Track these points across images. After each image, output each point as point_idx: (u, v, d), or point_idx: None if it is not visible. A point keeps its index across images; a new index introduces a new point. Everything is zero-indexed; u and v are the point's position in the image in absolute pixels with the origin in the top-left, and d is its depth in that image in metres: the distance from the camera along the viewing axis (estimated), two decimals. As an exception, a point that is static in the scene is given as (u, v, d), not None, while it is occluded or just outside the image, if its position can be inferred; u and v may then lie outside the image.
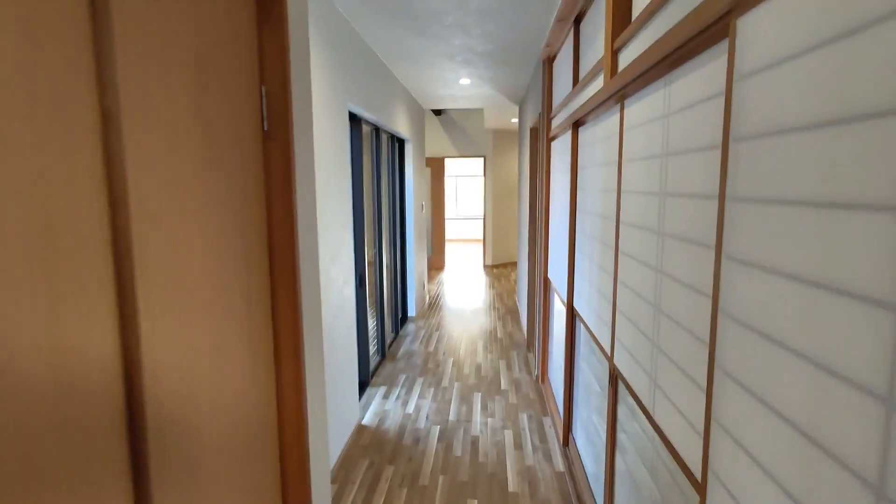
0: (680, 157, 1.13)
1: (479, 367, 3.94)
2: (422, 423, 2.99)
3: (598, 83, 1.91)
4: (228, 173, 0.76)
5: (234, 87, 0.77)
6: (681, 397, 1.10)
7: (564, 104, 2.68)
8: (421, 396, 3.39)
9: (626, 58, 1.55)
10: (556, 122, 3.08)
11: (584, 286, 2.26)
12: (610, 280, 1.78)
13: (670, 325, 1.19)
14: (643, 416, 1.45)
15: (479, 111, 8.39)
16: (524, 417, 3.08)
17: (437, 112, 8.40)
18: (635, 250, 1.48)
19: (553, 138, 3.25)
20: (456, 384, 3.60)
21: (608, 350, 1.81)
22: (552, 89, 3.27)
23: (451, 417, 3.07)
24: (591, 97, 1.93)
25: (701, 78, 0.99)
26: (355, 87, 2.94)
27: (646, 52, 1.25)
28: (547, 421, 3.03)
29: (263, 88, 0.87)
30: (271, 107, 0.87)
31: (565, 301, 2.72)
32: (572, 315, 2.60)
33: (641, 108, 1.43)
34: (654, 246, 1.32)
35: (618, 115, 1.69)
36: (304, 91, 1.14)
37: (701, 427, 0.97)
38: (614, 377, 1.76)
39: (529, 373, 3.83)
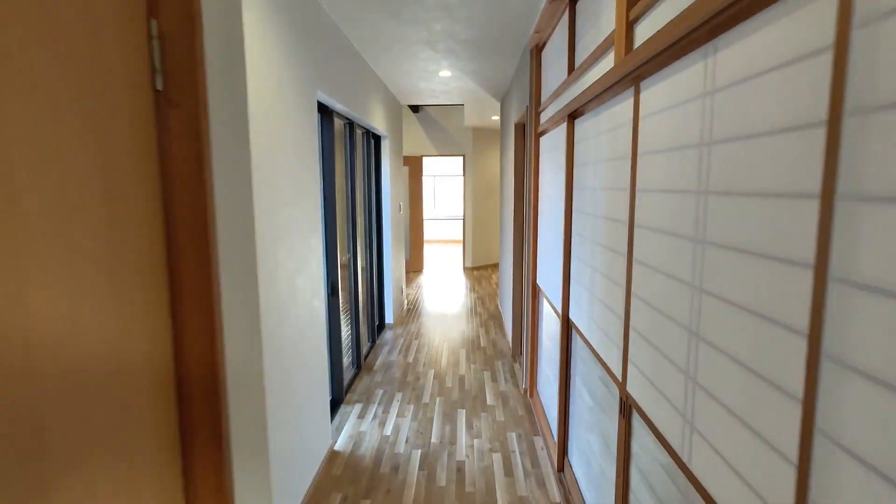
0: (735, 146, 0.88)
1: (462, 380, 3.67)
2: (401, 447, 2.70)
3: (604, 66, 1.66)
4: (83, 151, 0.48)
5: (100, 20, 0.49)
6: (741, 458, 0.85)
7: (557, 95, 2.44)
8: (400, 414, 3.10)
9: (645, 30, 1.30)
10: (545, 116, 2.84)
11: (584, 296, 2.01)
12: (620, 293, 1.53)
13: (719, 360, 0.94)
14: (670, 460, 1.20)
15: (459, 109, 8.14)
16: (513, 437, 2.82)
17: (415, 109, 8.12)
18: (658, 260, 1.23)
19: (542, 133, 3.01)
20: (438, 399, 3.33)
21: (618, 374, 1.56)
22: (541, 81, 3.03)
23: (434, 439, 2.79)
24: (593, 84, 1.68)
25: (783, 32, 0.74)
26: (326, 75, 2.64)
27: (679, 17, 1.00)
28: (538, 442, 2.78)
29: (154, 24, 0.57)
30: (169, 55, 0.58)
31: (559, 311, 2.47)
32: (568, 327, 2.36)
33: (667, 88, 1.18)
34: (689, 256, 1.07)
35: (631, 101, 1.44)
36: (232, 37, 0.85)
37: (782, 507, 0.72)
38: (627, 406, 1.51)
39: (517, 385, 3.58)
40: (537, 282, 3.19)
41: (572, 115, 2.21)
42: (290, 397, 2.05)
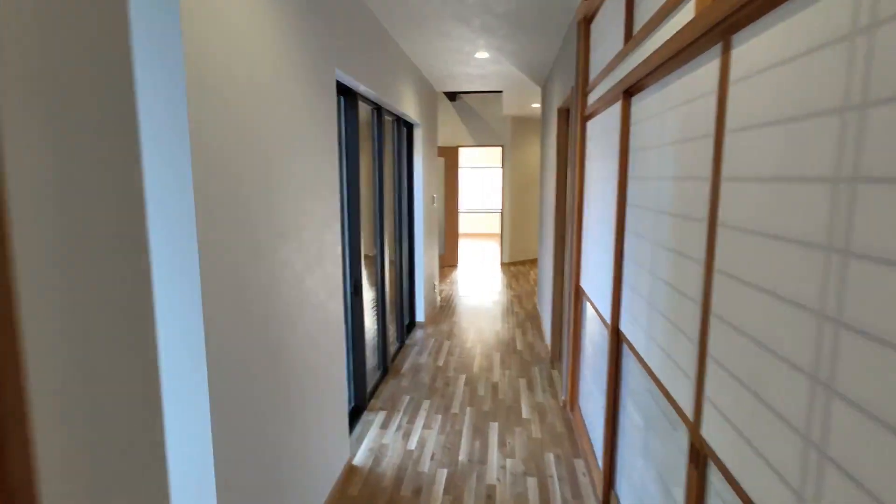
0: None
1: (495, 388, 3.38)
2: (426, 465, 2.45)
3: (677, 22, 1.32)
4: None
5: None
6: None
7: (609, 70, 2.09)
8: (426, 426, 2.85)
9: (744, -40, 0.96)
10: (593, 97, 2.49)
11: (640, 307, 1.68)
12: (693, 310, 1.21)
13: (867, 428, 0.62)
14: (770, 547, 0.88)
15: (497, 97, 7.78)
16: (551, 459, 2.52)
17: (452, 98, 7.81)
18: (759, 273, 0.91)
19: (589, 117, 2.66)
20: (468, 410, 3.05)
21: (688, 411, 1.23)
22: (589, 57, 2.67)
23: (462, 457, 2.52)
24: (660, 49, 1.34)
25: None
26: (346, 52, 2.38)
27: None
28: (580, 465, 2.46)
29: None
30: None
31: (607, 321, 2.14)
32: (617, 339, 2.03)
33: (780, 35, 0.85)
34: (817, 272, 0.74)
35: (715, 63, 1.11)
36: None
37: None
38: (700, 456, 1.19)
39: (555, 395, 3.26)
40: (581, 284, 2.86)
41: (628, 92, 1.86)
42: (296, 411, 1.82)
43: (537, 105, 6.67)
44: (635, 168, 1.79)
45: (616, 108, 2.03)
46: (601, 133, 2.35)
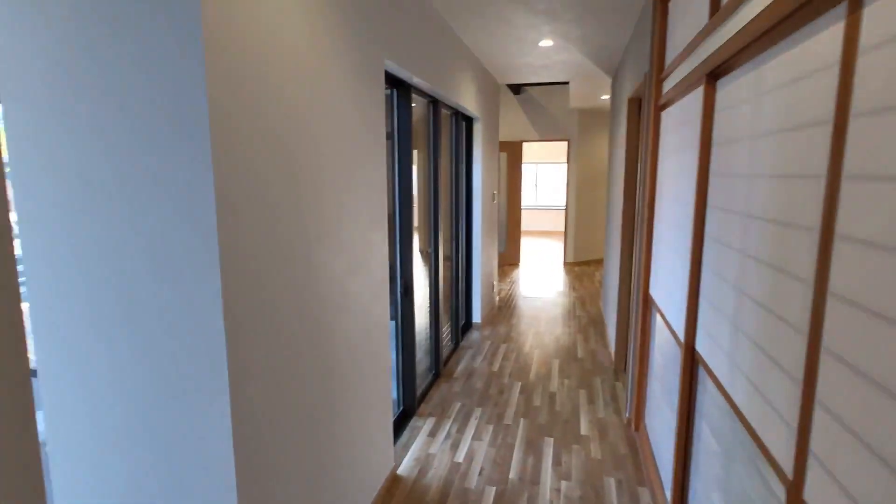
0: None
1: (552, 399, 3.17)
2: (473, 480, 2.30)
3: (780, -17, 1.06)
4: None
5: None
6: None
7: (689, 51, 1.82)
8: (476, 437, 2.70)
9: None
10: (670, 84, 2.21)
11: (722, 328, 1.43)
12: (797, 342, 0.97)
13: None
14: None
15: (563, 89, 7.43)
16: (611, 485, 2.29)
17: (516, 91, 7.56)
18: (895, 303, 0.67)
19: (664, 106, 2.38)
20: (522, 422, 2.87)
21: (786, 466, 1.00)
22: (665, 39, 2.39)
23: (513, 475, 2.35)
24: (756, 18, 1.10)
25: None
26: (398, 41, 2.26)
27: None
28: (644, 495, 2.21)
29: None
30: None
31: (679, 337, 1.89)
32: (692, 360, 1.77)
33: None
34: None
35: (837, 28, 0.86)
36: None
37: None
38: (802, 524, 0.95)
39: (619, 412, 3.00)
40: (650, 291, 2.59)
41: (713, 74, 1.60)
42: (337, 418, 1.73)
43: (606, 97, 6.28)
44: (719, 163, 1.53)
45: (696, 95, 1.77)
46: (677, 124, 2.07)
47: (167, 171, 1.10)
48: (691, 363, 1.78)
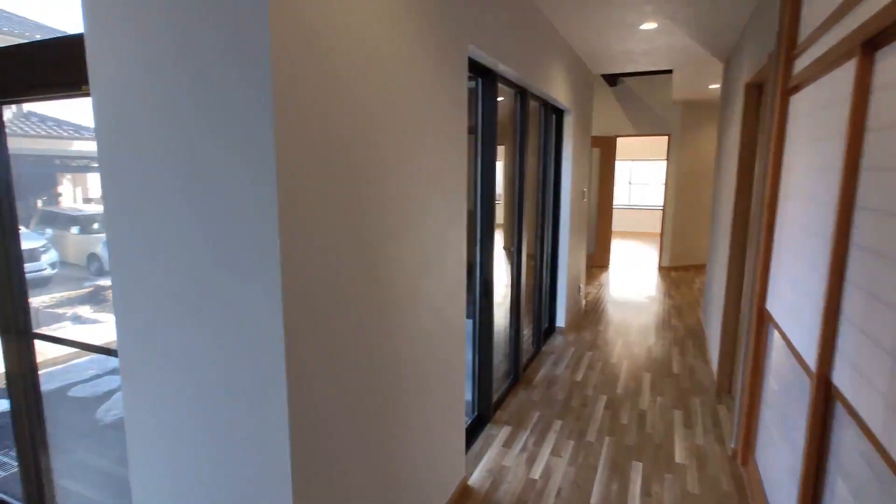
0: None
1: (642, 417, 2.87)
2: (549, 502, 2.12)
3: None
4: None
5: None
6: None
7: (837, 18, 1.49)
8: (555, 452, 2.50)
9: None
10: (804, 62, 1.86)
11: (877, 362, 1.13)
12: None
13: None
14: None
15: (666, 79, 6.85)
16: (712, 526, 1.99)
17: (612, 82, 7.10)
18: None
19: (794, 90, 2.02)
20: (607, 440, 2.62)
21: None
22: (800, 9, 2.02)
23: (595, 501, 2.13)
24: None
25: None
26: (483, 26, 2.12)
27: None
28: (753, 544, 1.90)
29: None
30: None
31: (809, 366, 1.57)
32: (826, 395, 1.46)
33: None
34: None
35: None
36: None
37: None
38: None
39: (721, 440, 2.64)
40: (766, 306, 2.23)
41: (871, 44, 1.28)
42: (405, 423, 1.64)
43: (716, 86, 5.68)
44: (876, 155, 1.22)
45: (845, 71, 1.44)
46: (814, 108, 1.73)
47: (235, 165, 1.06)
48: (825, 398, 1.46)
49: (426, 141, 1.67)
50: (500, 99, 2.67)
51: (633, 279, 6.67)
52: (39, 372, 3.19)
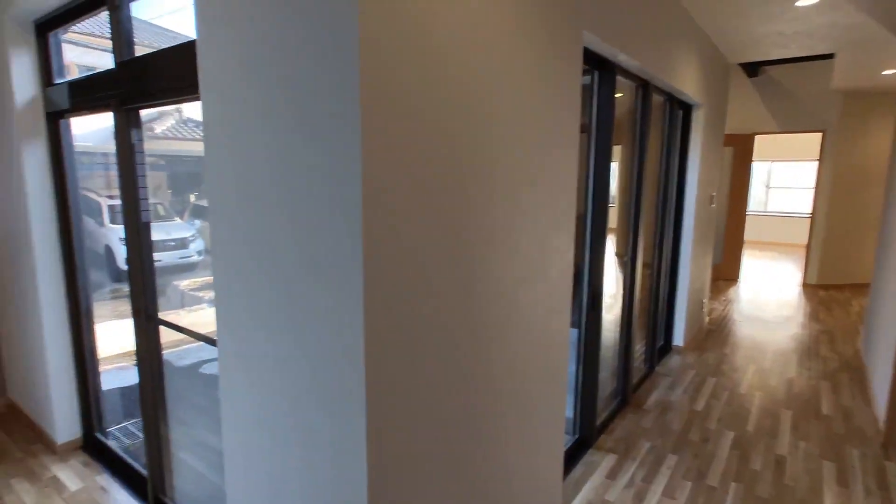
0: None
1: (780, 464, 2.43)
2: (660, 551, 1.84)
3: None
4: None
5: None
6: None
7: None
8: (668, 494, 2.19)
9: None
10: None
11: None
12: None
13: None
14: None
15: (822, 66, 5.88)
16: None
17: (752, 72, 6.28)
18: None
19: None
20: (733, 487, 2.24)
21: None
22: None
23: (716, 559, 1.81)
24: None
25: None
26: (600, 10, 1.90)
27: None
28: None
29: None
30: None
31: None
32: None
33: None
34: None
35: None
36: None
37: None
38: None
39: (889, 505, 2.13)
40: (969, 346, 1.73)
41: None
42: (494, 444, 1.51)
43: (891, 71, 4.74)
44: None
45: None
46: None
47: (323, 167, 1.01)
48: None
49: (531, 139, 1.52)
50: (617, 95, 2.41)
51: (768, 296, 5.84)
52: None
